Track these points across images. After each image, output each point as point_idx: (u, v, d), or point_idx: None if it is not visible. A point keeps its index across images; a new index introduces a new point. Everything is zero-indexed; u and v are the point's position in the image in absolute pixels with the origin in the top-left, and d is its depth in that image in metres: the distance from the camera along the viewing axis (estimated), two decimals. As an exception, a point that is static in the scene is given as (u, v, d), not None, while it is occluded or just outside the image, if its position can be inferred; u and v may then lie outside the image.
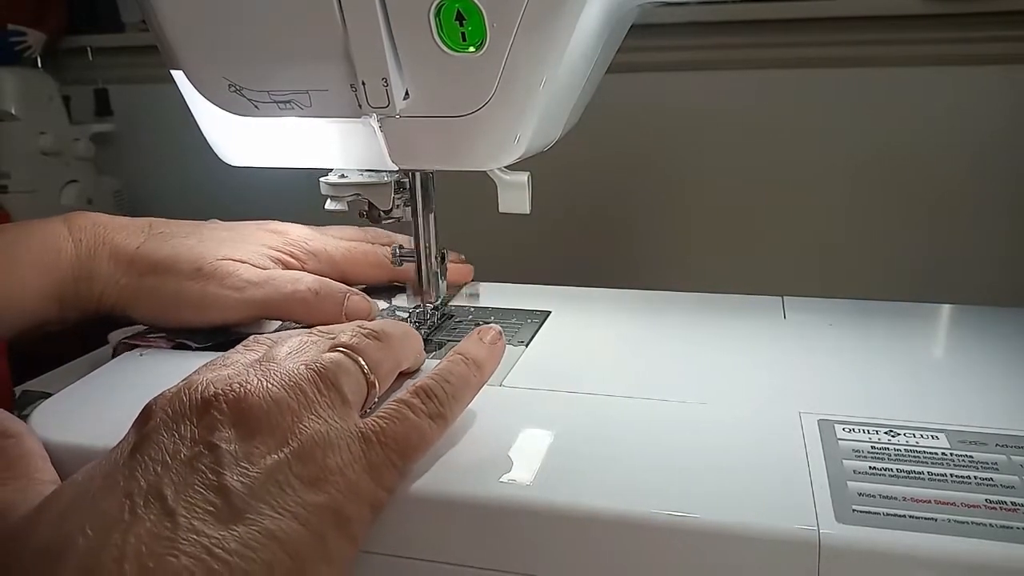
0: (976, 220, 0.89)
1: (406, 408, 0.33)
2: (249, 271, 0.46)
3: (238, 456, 0.28)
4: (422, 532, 0.32)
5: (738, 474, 0.32)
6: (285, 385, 0.31)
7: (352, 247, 0.53)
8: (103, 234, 0.47)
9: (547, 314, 0.50)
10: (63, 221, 0.47)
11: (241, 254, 0.47)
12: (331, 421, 0.30)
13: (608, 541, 0.30)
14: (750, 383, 0.40)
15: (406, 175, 0.46)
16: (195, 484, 0.27)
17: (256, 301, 0.46)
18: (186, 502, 0.26)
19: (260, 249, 0.49)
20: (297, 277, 0.47)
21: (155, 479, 0.27)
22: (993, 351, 0.44)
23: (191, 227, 0.49)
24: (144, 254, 0.46)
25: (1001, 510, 0.29)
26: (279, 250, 0.50)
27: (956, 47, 0.85)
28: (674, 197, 0.96)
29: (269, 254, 0.49)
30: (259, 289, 0.46)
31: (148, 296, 0.46)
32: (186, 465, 0.28)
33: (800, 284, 0.64)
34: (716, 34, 0.89)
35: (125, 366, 0.44)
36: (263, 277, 0.46)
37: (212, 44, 0.39)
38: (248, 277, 0.46)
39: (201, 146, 0.45)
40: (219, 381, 0.31)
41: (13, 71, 1.02)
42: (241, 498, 0.27)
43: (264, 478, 0.28)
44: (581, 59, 0.42)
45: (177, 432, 0.29)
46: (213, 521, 0.26)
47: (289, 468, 0.28)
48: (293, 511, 0.27)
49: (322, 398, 0.31)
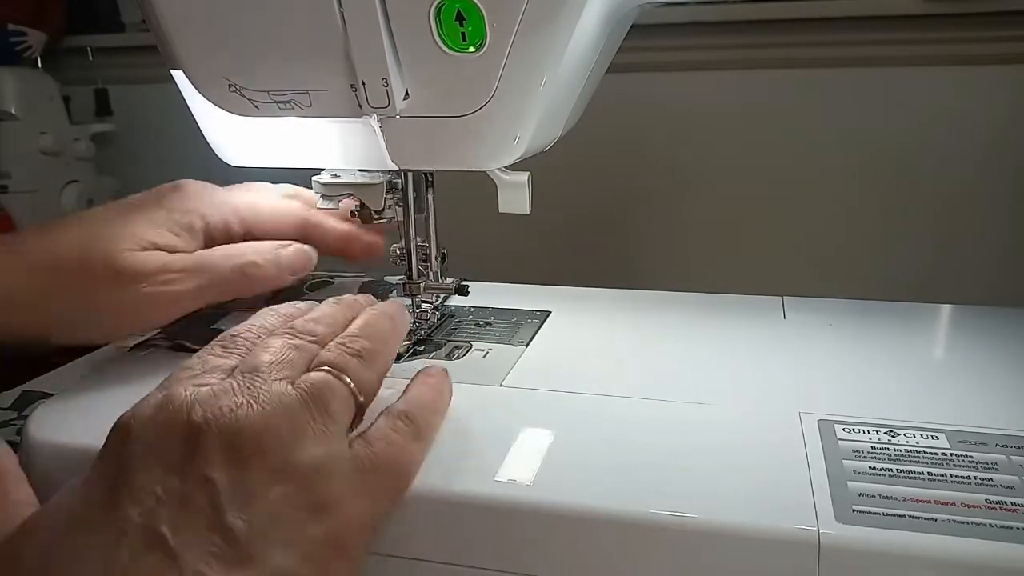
0: (976, 220, 0.89)
1: (392, 432, 0.32)
2: (179, 261, 0.42)
3: (235, 491, 0.27)
4: (422, 532, 0.32)
5: (738, 474, 0.32)
6: (276, 410, 0.29)
7: (278, 210, 0.48)
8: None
9: (547, 314, 0.50)
10: None
11: (152, 236, 0.42)
12: (326, 448, 0.29)
13: (608, 541, 0.30)
14: (750, 383, 0.40)
15: (399, 175, 0.46)
16: (194, 524, 0.26)
17: (189, 292, 0.42)
18: (187, 545, 0.25)
19: (171, 220, 0.43)
20: (229, 253, 0.44)
21: (149, 516, 0.26)
22: (993, 351, 0.44)
23: (59, 221, 0.42)
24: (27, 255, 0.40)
25: (1001, 510, 0.29)
26: (189, 215, 0.44)
27: (956, 47, 0.85)
28: (674, 197, 0.96)
29: (182, 223, 0.44)
30: (192, 278, 0.42)
31: (62, 316, 0.40)
32: (181, 502, 0.26)
33: (800, 284, 0.64)
34: (716, 34, 0.89)
35: (125, 366, 0.44)
36: (197, 263, 0.42)
37: (212, 44, 0.39)
38: (181, 265, 0.42)
39: (201, 146, 0.45)
40: (205, 402, 0.28)
41: (13, 71, 1.02)
42: (244, 538, 0.26)
43: (264, 515, 0.27)
44: (581, 59, 0.42)
45: (163, 460, 0.27)
46: (217, 564, 0.25)
47: (288, 502, 0.27)
48: (296, 548, 0.27)
49: (315, 424, 0.30)
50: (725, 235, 0.96)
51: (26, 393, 0.52)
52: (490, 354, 0.44)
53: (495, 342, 0.46)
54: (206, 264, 0.43)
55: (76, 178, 1.07)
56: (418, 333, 0.47)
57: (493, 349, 0.45)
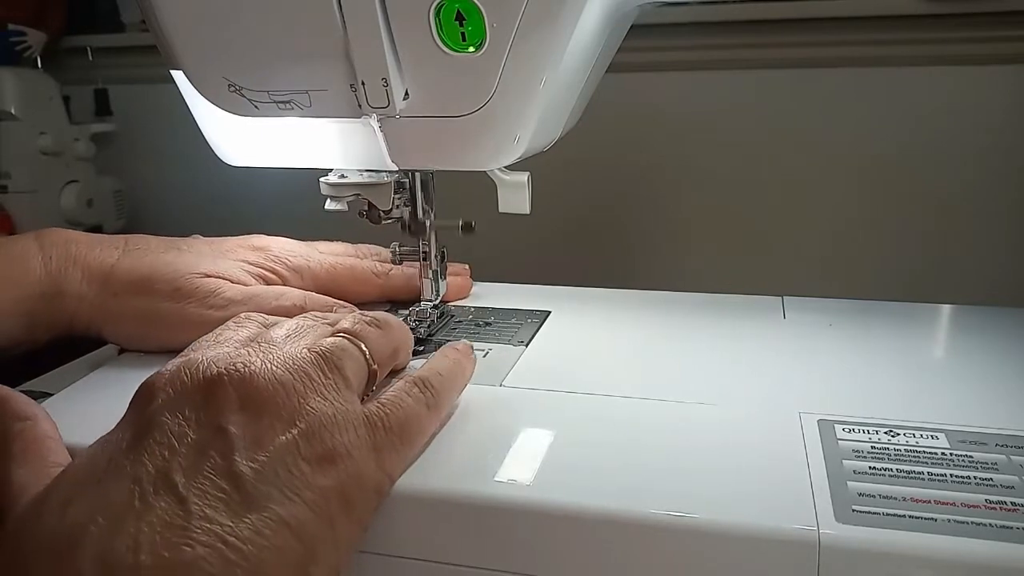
0: (975, 220, 0.89)
1: (406, 395, 0.33)
2: (231, 288, 0.45)
3: (247, 439, 0.28)
4: (422, 532, 0.32)
5: (738, 474, 0.32)
6: (289, 367, 0.31)
7: (336, 262, 0.51)
8: (75, 251, 0.45)
9: (547, 314, 0.50)
10: (34, 237, 0.45)
11: (221, 270, 0.46)
12: (336, 404, 0.31)
13: (608, 541, 0.30)
14: (750, 383, 0.40)
15: (406, 175, 0.46)
16: (205, 470, 0.27)
17: None
18: (197, 489, 0.26)
19: (241, 265, 0.47)
20: (281, 293, 0.46)
21: (163, 464, 0.27)
22: (993, 351, 0.44)
23: (168, 243, 0.48)
24: (119, 272, 0.45)
25: (1001, 510, 0.29)
26: (260, 266, 0.48)
27: (956, 47, 0.85)
28: (674, 197, 0.96)
29: (250, 270, 0.47)
30: (242, 307, 0.44)
31: (124, 316, 0.44)
32: (194, 449, 0.28)
33: (800, 284, 0.64)
34: (716, 34, 0.89)
35: (125, 366, 0.44)
36: (246, 294, 0.45)
37: (212, 44, 0.39)
38: (230, 295, 0.44)
39: (201, 146, 0.45)
40: (220, 360, 0.30)
41: (13, 71, 1.02)
42: (252, 484, 0.27)
43: (273, 462, 0.28)
44: (581, 59, 0.42)
45: (182, 413, 0.29)
46: (225, 509, 0.26)
47: (297, 450, 0.28)
48: (303, 496, 0.28)
49: (327, 380, 0.31)
50: (725, 235, 0.95)
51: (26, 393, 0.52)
52: (490, 354, 0.44)
53: (495, 342, 0.46)
54: (254, 298, 0.45)
55: (76, 178, 1.07)
56: (418, 332, 0.47)
57: (493, 349, 0.45)
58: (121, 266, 0.45)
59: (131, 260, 0.45)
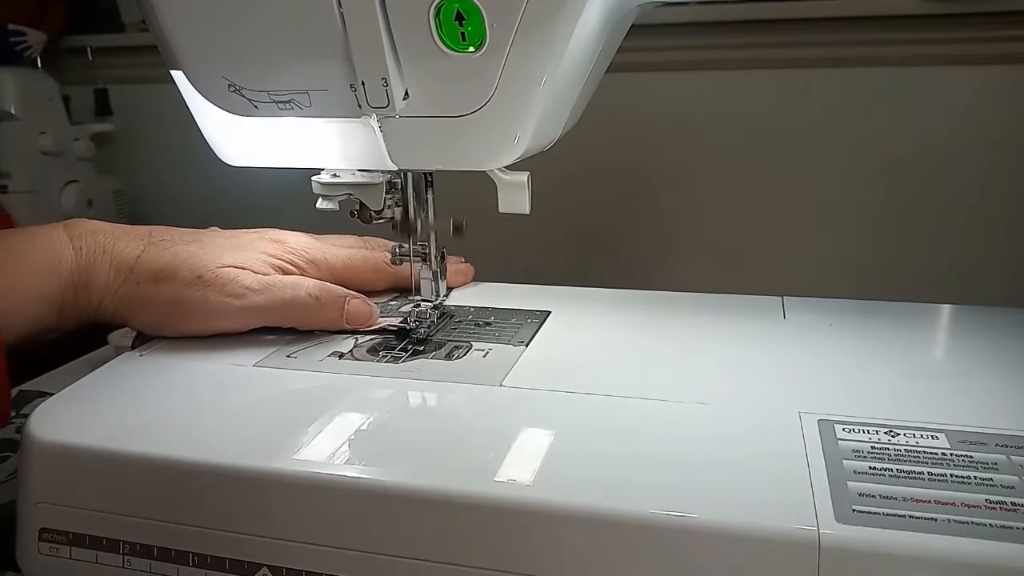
0: (976, 220, 0.89)
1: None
2: (250, 277, 0.47)
3: None
4: (422, 532, 0.32)
5: (738, 474, 0.32)
6: None
7: (351, 254, 0.53)
8: (103, 242, 0.47)
9: (547, 314, 0.50)
10: (64, 228, 0.47)
11: (242, 261, 0.47)
12: None
13: (608, 541, 0.30)
14: (750, 383, 0.40)
15: (399, 175, 0.46)
16: None
17: (257, 307, 0.46)
18: None
19: (260, 256, 0.49)
20: (298, 283, 0.47)
21: None
22: (993, 351, 0.44)
23: (191, 235, 0.50)
24: (144, 262, 0.46)
25: (1001, 510, 0.29)
26: (279, 258, 0.50)
27: (957, 47, 0.85)
28: (674, 197, 0.96)
29: (270, 261, 0.49)
30: (260, 295, 0.46)
31: (148, 305, 0.46)
32: None
33: (800, 284, 0.64)
34: (716, 34, 0.89)
35: (125, 366, 0.44)
36: (264, 283, 0.46)
37: (212, 44, 0.39)
38: (248, 284, 0.46)
39: (201, 146, 0.45)
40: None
41: (13, 71, 1.02)
42: None
43: None
44: (581, 59, 0.42)
45: None
46: None
47: None
48: None
49: None
50: (725, 235, 0.95)
51: (24, 393, 0.52)
52: (490, 354, 0.44)
53: (495, 342, 0.46)
54: (272, 287, 0.47)
55: (76, 178, 1.07)
56: (418, 332, 0.47)
57: (493, 349, 0.45)
58: (146, 257, 0.47)
59: (156, 251, 0.47)
